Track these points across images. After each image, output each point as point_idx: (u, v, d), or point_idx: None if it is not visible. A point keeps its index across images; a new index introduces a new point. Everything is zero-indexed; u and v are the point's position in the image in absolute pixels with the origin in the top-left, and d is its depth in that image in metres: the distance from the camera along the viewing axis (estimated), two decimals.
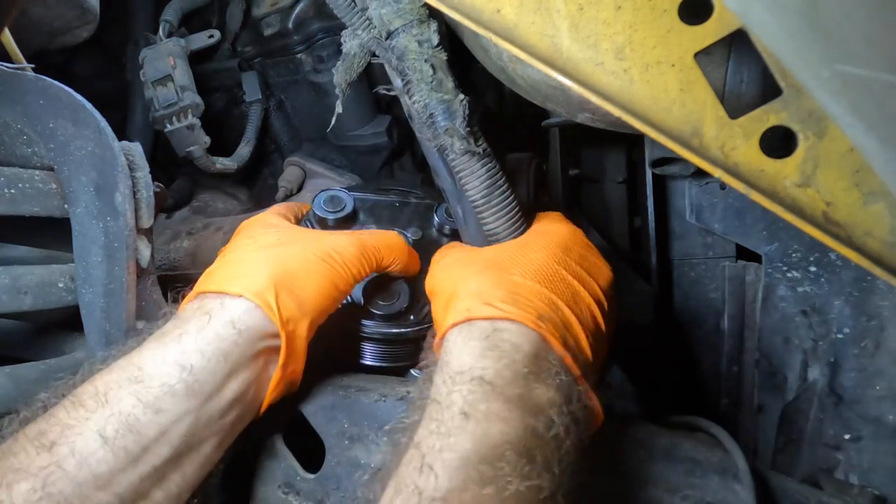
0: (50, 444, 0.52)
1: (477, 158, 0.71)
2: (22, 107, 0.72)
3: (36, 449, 0.52)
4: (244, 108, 1.32)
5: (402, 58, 0.68)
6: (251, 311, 0.62)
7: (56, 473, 0.51)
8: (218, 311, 0.62)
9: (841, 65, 0.37)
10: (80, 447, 0.52)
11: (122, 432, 0.54)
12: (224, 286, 0.64)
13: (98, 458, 0.52)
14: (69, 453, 0.52)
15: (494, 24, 0.57)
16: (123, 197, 0.72)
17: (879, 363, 0.74)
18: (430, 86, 0.68)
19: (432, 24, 0.69)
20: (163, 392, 0.56)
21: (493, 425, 0.50)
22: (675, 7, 0.52)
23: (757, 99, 0.67)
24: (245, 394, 0.62)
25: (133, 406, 0.55)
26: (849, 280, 0.76)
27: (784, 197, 0.52)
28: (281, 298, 0.63)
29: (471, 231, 0.77)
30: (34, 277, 0.71)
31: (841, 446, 0.75)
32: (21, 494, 0.49)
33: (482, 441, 0.49)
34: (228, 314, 0.62)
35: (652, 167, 0.91)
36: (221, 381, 0.60)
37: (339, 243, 0.72)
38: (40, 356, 0.75)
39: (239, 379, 0.61)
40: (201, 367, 0.58)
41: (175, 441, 0.56)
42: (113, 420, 0.54)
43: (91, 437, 0.53)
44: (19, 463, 0.51)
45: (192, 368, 0.58)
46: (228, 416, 0.61)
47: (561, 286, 0.63)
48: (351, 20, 0.70)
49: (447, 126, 0.68)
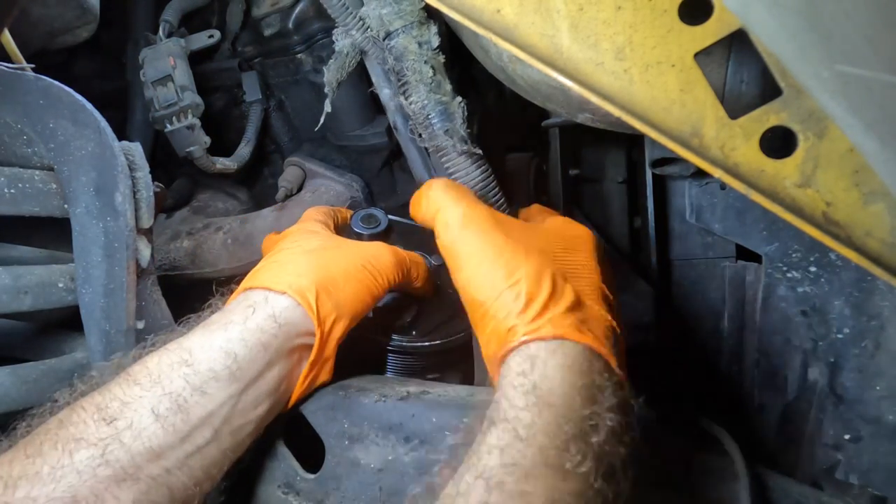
0: (110, 419, 0.57)
1: (472, 160, 0.71)
2: (22, 107, 0.72)
3: (96, 423, 0.57)
4: (244, 108, 1.31)
5: (400, 58, 0.68)
6: (292, 307, 0.66)
7: (114, 444, 0.56)
8: (262, 305, 0.66)
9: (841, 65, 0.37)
10: (136, 422, 0.57)
11: (172, 411, 0.58)
12: (269, 283, 0.68)
13: (150, 433, 0.57)
14: (126, 427, 0.57)
15: (495, 25, 0.57)
16: (123, 197, 0.72)
17: (879, 363, 0.74)
18: (429, 87, 0.68)
19: (432, 27, 0.69)
20: (209, 377, 0.61)
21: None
22: (675, 7, 0.52)
23: (757, 99, 0.67)
24: (278, 386, 0.66)
25: (182, 388, 0.60)
26: (849, 280, 0.76)
27: (784, 197, 0.52)
28: (320, 299, 0.67)
29: None
30: (34, 277, 0.71)
31: (841, 446, 0.75)
32: (83, 461, 0.54)
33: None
34: (271, 308, 0.66)
35: (652, 167, 0.91)
36: (260, 371, 0.64)
37: (377, 253, 0.76)
38: (40, 356, 0.75)
39: (275, 370, 0.65)
40: (244, 355, 0.63)
41: (216, 423, 0.61)
42: (165, 400, 0.59)
43: (146, 414, 0.58)
44: (80, 433, 0.56)
45: (236, 356, 0.62)
46: (262, 406, 0.65)
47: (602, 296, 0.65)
48: (344, 20, 0.70)
49: (447, 127, 0.68)
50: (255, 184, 1.45)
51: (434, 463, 0.64)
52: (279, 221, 1.19)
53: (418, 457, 0.65)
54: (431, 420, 0.67)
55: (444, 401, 0.70)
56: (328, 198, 1.23)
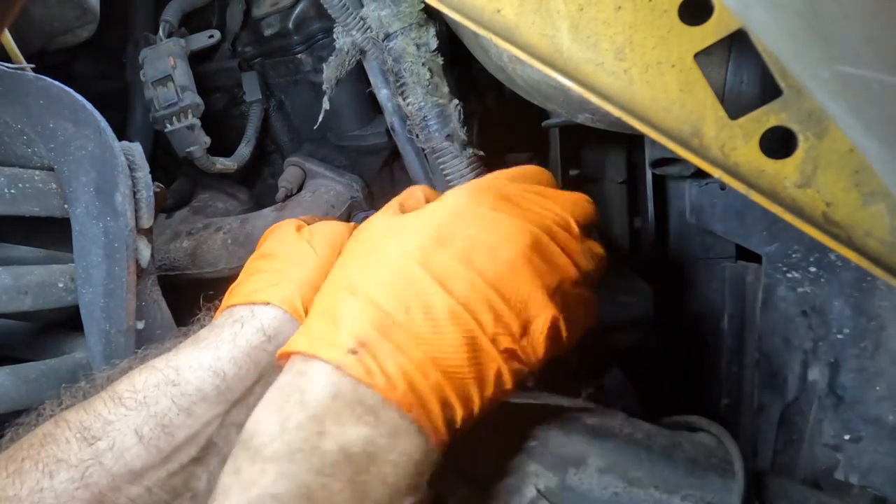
0: (92, 439, 0.56)
1: (468, 163, 0.71)
2: (22, 107, 0.72)
3: (79, 443, 0.56)
4: (244, 108, 1.32)
5: (398, 60, 0.69)
6: (279, 316, 0.65)
7: (94, 467, 0.55)
8: (249, 319, 0.65)
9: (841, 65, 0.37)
10: (119, 443, 0.56)
11: (156, 432, 0.57)
12: (252, 297, 0.67)
13: (133, 455, 0.56)
14: (108, 448, 0.56)
15: (495, 25, 0.57)
16: (123, 197, 0.72)
17: (879, 364, 0.74)
18: (426, 89, 0.69)
19: (431, 29, 0.69)
20: (198, 397, 0.59)
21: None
22: (674, 7, 0.52)
23: (757, 99, 0.67)
24: None
25: (168, 408, 0.58)
26: (849, 280, 0.76)
27: (784, 197, 0.52)
28: (307, 304, 0.65)
29: None
30: (34, 277, 0.71)
31: (841, 447, 0.75)
32: (62, 483, 0.53)
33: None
34: (259, 322, 0.64)
35: (652, 167, 0.91)
36: (249, 388, 0.62)
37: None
38: (40, 356, 0.75)
39: (265, 385, 0.62)
40: (233, 374, 0.61)
41: (202, 442, 0.60)
42: (150, 420, 0.57)
43: (129, 435, 0.56)
44: (62, 453, 0.55)
45: (224, 375, 0.61)
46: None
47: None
48: (345, 21, 0.70)
49: (443, 129, 0.69)
50: (255, 184, 1.45)
51: None
52: (279, 221, 1.19)
53: None
54: None
55: None
56: (328, 198, 1.23)
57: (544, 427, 0.67)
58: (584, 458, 0.65)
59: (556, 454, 0.65)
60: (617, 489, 0.64)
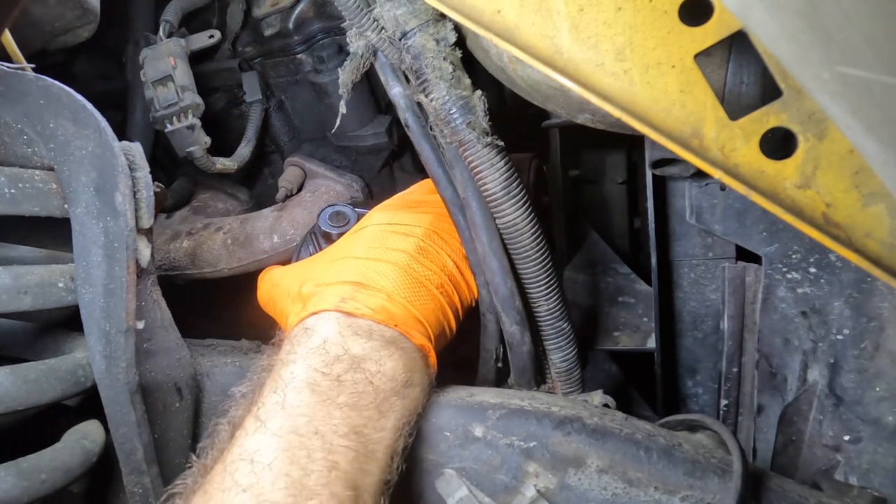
0: None
1: (496, 151, 0.71)
2: (22, 107, 0.72)
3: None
4: (244, 108, 1.32)
5: (418, 57, 0.69)
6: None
7: None
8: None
9: (841, 66, 0.37)
10: None
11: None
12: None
13: None
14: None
15: (495, 25, 0.57)
16: (123, 197, 0.71)
17: (879, 364, 0.74)
18: (450, 83, 0.69)
19: (448, 23, 0.69)
20: None
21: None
22: (675, 8, 0.52)
23: (757, 100, 0.67)
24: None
25: None
26: (848, 281, 0.76)
27: (784, 198, 0.52)
28: None
29: (482, 238, 0.74)
30: (34, 277, 0.71)
31: (840, 447, 0.76)
32: None
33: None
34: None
35: (652, 168, 0.91)
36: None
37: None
38: (40, 356, 0.75)
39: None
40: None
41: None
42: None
43: None
44: None
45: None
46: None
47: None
48: (360, 21, 0.70)
49: (469, 120, 0.69)
50: (255, 184, 1.45)
51: None
52: (279, 221, 1.19)
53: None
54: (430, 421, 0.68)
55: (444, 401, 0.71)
56: (328, 198, 1.23)
57: (544, 426, 0.67)
58: (583, 458, 0.65)
59: (555, 454, 0.65)
60: (616, 489, 0.64)
